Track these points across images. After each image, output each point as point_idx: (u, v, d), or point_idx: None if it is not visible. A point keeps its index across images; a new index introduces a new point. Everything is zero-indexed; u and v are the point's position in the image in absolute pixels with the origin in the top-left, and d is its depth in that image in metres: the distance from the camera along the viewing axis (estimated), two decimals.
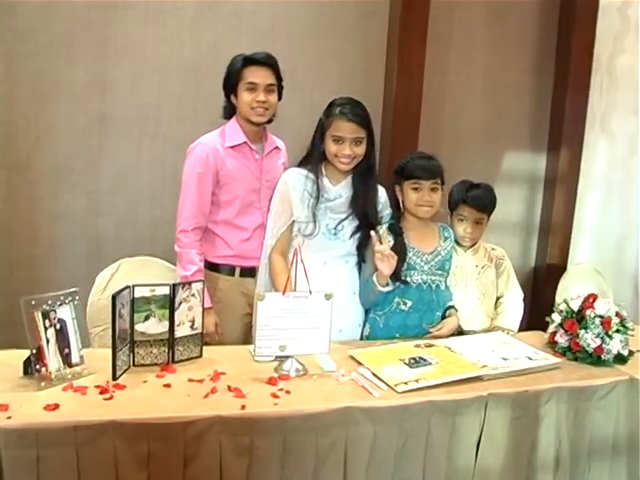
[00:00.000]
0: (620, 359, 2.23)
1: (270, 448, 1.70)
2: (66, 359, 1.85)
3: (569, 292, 2.81)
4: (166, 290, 2.00)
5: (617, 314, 2.31)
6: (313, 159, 2.38)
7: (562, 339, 2.30)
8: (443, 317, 2.44)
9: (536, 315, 2.69)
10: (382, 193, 2.47)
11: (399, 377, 1.94)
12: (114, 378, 1.85)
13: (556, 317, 2.37)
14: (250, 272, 2.51)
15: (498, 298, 2.67)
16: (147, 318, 1.97)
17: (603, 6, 3.68)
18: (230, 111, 2.54)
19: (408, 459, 1.85)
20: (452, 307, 2.48)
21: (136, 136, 3.17)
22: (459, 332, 2.48)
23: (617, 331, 2.26)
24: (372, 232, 2.28)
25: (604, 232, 3.96)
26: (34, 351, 1.78)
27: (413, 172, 2.35)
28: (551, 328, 2.38)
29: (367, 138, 2.34)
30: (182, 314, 2.03)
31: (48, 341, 1.81)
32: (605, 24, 3.73)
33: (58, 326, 1.84)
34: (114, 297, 1.85)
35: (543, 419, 2.01)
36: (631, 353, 2.26)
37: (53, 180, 3.10)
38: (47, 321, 1.81)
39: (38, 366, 1.78)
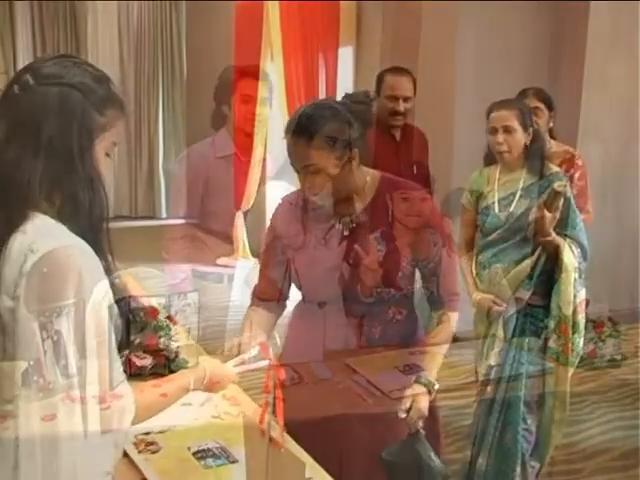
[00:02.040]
0: (613, 363, 2.25)
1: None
2: (64, 370, 1.86)
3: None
4: (162, 301, 2.02)
5: (610, 319, 2.32)
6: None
7: (555, 344, 2.31)
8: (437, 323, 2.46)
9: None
10: None
11: (393, 384, 1.96)
12: (111, 388, 1.86)
13: (549, 322, 2.39)
14: None
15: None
16: (143, 328, 1.99)
17: (594, 13, 3.72)
18: (220, 120, 2.55)
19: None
20: (445, 314, 2.49)
21: (131, 146, 3.19)
22: (454, 339, 2.49)
23: (610, 336, 2.27)
24: (356, 246, 2.27)
25: (599, 237, 3.97)
26: (32, 362, 1.79)
27: None
28: (544, 333, 2.40)
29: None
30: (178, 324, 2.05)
31: (45, 352, 1.82)
32: (596, 31, 3.77)
33: (55, 337, 1.85)
34: (110, 308, 1.87)
35: (536, 424, 2.02)
36: (624, 357, 2.28)
37: None
38: (44, 332, 1.82)
39: (36, 377, 1.79)
